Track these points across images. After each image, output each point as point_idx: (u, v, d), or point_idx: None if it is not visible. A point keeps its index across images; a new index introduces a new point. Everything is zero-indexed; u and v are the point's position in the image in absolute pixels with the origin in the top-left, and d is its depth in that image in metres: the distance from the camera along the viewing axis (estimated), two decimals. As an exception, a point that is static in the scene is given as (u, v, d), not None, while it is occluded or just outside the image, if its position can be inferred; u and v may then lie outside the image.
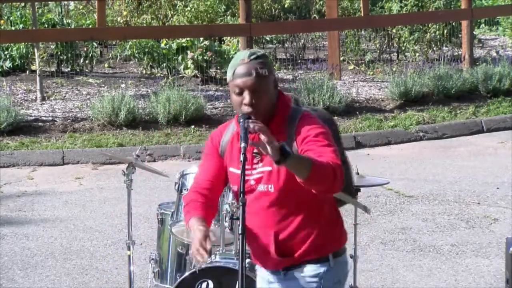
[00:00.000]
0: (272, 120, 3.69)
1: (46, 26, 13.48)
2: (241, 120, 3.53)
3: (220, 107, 11.62)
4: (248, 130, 3.46)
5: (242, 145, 3.44)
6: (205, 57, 12.77)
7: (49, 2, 15.48)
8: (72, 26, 13.76)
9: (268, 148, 3.37)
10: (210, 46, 12.95)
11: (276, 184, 3.68)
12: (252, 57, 3.65)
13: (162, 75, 13.24)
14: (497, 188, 8.72)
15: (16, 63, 13.42)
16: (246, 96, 3.63)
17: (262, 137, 3.39)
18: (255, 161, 3.70)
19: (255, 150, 3.62)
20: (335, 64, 13.02)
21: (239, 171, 3.59)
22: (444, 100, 12.13)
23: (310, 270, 3.75)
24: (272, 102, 3.70)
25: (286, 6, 15.86)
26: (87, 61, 13.68)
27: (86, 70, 13.70)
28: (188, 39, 12.98)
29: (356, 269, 5.46)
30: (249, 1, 11.97)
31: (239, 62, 3.66)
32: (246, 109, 3.63)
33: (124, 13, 15.01)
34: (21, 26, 13.79)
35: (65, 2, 15.84)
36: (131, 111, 10.96)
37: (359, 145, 10.73)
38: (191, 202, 3.77)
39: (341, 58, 13.79)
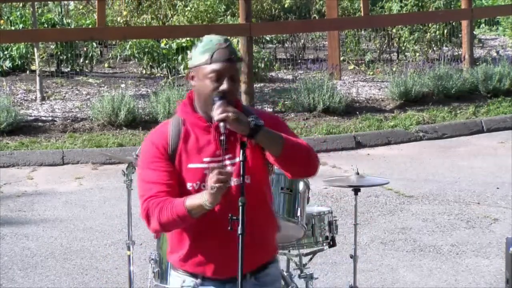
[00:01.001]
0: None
1: (46, 26, 13.47)
2: (218, 111, 3.36)
3: (220, 107, 11.61)
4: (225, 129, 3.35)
5: (222, 138, 3.35)
6: (205, 57, 12.75)
7: (49, 2, 15.48)
8: (72, 26, 13.75)
9: (237, 123, 3.31)
10: (210, 46, 12.93)
11: (252, 173, 3.48)
12: (227, 42, 3.50)
13: (162, 75, 13.24)
14: (497, 188, 8.72)
15: (16, 63, 13.42)
16: (225, 83, 3.44)
17: (230, 114, 3.32)
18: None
19: (222, 137, 3.38)
20: (335, 64, 13.02)
21: (202, 165, 3.49)
22: (444, 100, 12.12)
23: (273, 270, 3.68)
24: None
25: (286, 6, 15.85)
26: (87, 61, 13.67)
27: (86, 70, 13.70)
28: (188, 39, 12.98)
29: (356, 269, 5.46)
30: (249, 1, 11.95)
31: (216, 47, 3.47)
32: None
33: (124, 13, 14.99)
34: (21, 26, 13.78)
35: (65, 2, 15.83)
36: (131, 111, 10.96)
37: (359, 145, 10.72)
38: (164, 202, 3.49)
39: (341, 58, 13.79)
